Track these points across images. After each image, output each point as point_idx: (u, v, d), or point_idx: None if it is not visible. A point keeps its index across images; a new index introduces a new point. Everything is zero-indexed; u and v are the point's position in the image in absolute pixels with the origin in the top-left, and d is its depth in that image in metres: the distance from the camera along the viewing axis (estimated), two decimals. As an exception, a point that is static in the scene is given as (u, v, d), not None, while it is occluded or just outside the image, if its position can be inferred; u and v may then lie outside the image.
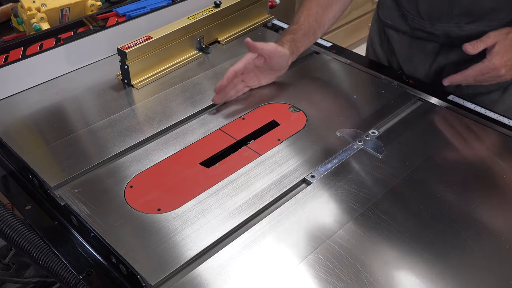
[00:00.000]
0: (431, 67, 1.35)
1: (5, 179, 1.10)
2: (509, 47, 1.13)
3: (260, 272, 0.84)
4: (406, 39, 1.37)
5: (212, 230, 0.90)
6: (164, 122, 1.15)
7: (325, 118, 1.17)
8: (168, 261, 0.84)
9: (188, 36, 1.34)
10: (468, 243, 0.88)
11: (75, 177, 1.00)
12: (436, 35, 1.29)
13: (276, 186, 0.98)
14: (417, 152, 1.07)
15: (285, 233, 0.90)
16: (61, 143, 1.09)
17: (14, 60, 1.24)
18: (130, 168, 1.03)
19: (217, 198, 0.96)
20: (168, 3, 1.47)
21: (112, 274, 0.89)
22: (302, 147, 1.08)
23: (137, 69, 1.26)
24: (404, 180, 1.00)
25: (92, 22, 1.39)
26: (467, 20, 1.23)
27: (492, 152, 1.07)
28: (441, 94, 1.24)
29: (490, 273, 0.84)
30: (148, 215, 0.92)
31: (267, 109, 1.20)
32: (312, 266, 0.84)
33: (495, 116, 1.17)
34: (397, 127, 1.14)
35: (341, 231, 0.90)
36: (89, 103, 1.22)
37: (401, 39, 1.38)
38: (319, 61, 1.38)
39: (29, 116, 1.18)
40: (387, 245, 0.88)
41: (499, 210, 0.94)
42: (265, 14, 1.54)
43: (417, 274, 0.83)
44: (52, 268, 0.92)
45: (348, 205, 0.95)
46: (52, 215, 1.00)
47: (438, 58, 1.33)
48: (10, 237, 0.95)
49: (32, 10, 1.39)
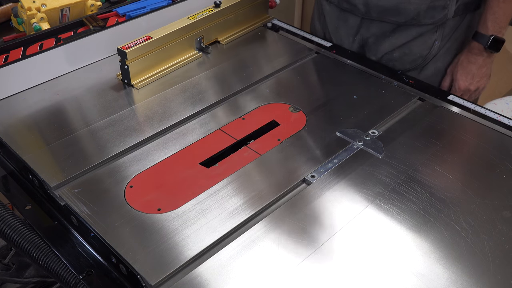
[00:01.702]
0: (355, 39, 1.44)
1: (5, 179, 1.10)
2: (466, 68, 1.34)
3: (260, 272, 0.84)
4: (335, 11, 1.45)
5: (212, 230, 0.90)
6: (164, 122, 1.15)
7: (325, 118, 1.17)
8: (168, 261, 0.84)
9: (188, 36, 1.34)
10: (468, 242, 0.88)
11: (75, 177, 1.00)
12: (357, 7, 1.36)
13: (276, 186, 0.98)
14: (417, 152, 1.07)
15: (285, 233, 0.90)
16: (61, 143, 1.09)
17: (14, 60, 1.24)
18: (130, 168, 1.03)
19: (217, 198, 0.96)
20: (168, 3, 1.47)
21: (112, 274, 0.89)
22: (302, 147, 1.08)
23: (137, 69, 1.26)
24: (404, 180, 1.00)
25: (92, 22, 1.39)
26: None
27: (491, 152, 1.07)
28: (441, 94, 1.24)
29: (490, 273, 0.84)
30: (148, 215, 0.92)
31: (267, 109, 1.20)
32: (312, 266, 0.84)
33: (495, 116, 1.17)
34: (397, 127, 1.14)
35: (341, 231, 0.90)
36: (89, 103, 1.22)
37: (331, 10, 1.47)
38: (319, 61, 1.38)
39: (29, 116, 1.18)
40: (387, 245, 0.88)
41: (499, 210, 0.94)
42: (265, 14, 1.54)
43: (417, 273, 0.83)
44: (52, 268, 0.92)
45: (348, 205, 0.95)
46: (52, 215, 1.00)
47: (361, 31, 1.41)
48: (10, 237, 0.95)
49: (32, 10, 1.39)
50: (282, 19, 1.56)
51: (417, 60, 1.38)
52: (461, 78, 1.35)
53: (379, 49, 1.40)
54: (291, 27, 1.51)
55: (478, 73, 1.34)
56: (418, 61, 1.38)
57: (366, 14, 1.36)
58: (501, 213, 0.94)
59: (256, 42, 1.44)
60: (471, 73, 1.34)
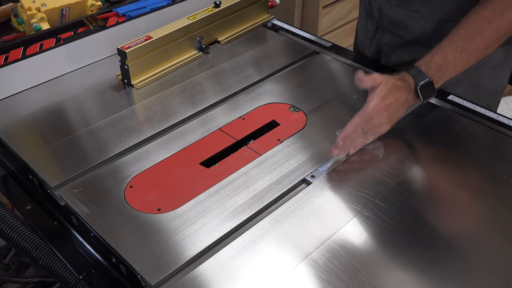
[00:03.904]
0: (372, 42, 1.40)
1: (5, 179, 1.10)
2: (392, 90, 1.03)
3: (260, 272, 0.84)
4: (364, 15, 1.44)
5: (212, 230, 0.90)
6: (164, 122, 1.15)
7: (325, 118, 1.17)
8: (168, 261, 0.84)
9: (188, 36, 1.34)
10: (468, 242, 0.88)
11: (75, 177, 1.00)
12: (373, 12, 1.35)
13: (276, 186, 0.98)
14: (417, 152, 1.07)
15: (285, 233, 0.90)
16: (61, 143, 1.09)
17: (14, 60, 1.24)
18: (130, 168, 1.03)
19: (217, 198, 0.96)
20: (168, 3, 1.47)
21: (112, 274, 0.89)
22: (302, 147, 1.08)
23: (137, 69, 1.26)
24: (404, 180, 1.00)
25: (92, 22, 1.39)
26: (396, 2, 1.26)
27: (491, 152, 1.07)
28: (441, 94, 1.24)
29: (490, 273, 0.84)
30: (148, 215, 0.92)
31: (267, 109, 1.20)
32: (312, 266, 0.84)
33: (495, 116, 1.17)
34: (397, 127, 1.14)
35: (341, 231, 0.90)
36: (89, 103, 1.22)
37: (361, 9, 1.45)
38: (319, 61, 1.38)
39: (29, 116, 1.18)
40: (387, 245, 0.88)
41: (498, 210, 0.94)
42: (265, 14, 1.54)
43: (417, 274, 0.83)
44: (52, 268, 0.92)
45: (348, 205, 0.95)
46: (52, 215, 1.00)
47: (376, 36, 1.38)
48: (10, 237, 0.95)
49: (32, 10, 1.39)
50: (282, 19, 1.56)
51: None
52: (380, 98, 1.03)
53: (390, 60, 1.37)
54: (291, 27, 1.51)
55: (394, 105, 1.04)
56: None
57: (379, 21, 1.34)
58: (501, 213, 0.94)
59: (256, 42, 1.44)
60: (389, 100, 1.03)
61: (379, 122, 1.03)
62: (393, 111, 1.03)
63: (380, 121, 1.03)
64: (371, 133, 1.04)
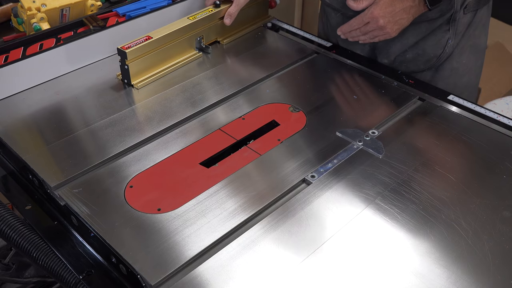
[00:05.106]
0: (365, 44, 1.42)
1: (5, 179, 1.10)
2: (390, 1, 1.19)
3: (260, 272, 0.84)
4: (340, 17, 1.45)
5: (212, 230, 0.90)
6: (164, 122, 1.15)
7: (325, 118, 1.17)
8: (168, 261, 0.84)
9: (188, 36, 1.34)
10: (468, 243, 0.88)
11: (75, 177, 1.00)
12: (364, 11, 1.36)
13: (276, 186, 0.98)
14: (417, 152, 1.07)
15: (285, 233, 0.90)
16: (61, 143, 1.09)
17: (14, 60, 1.24)
18: (130, 168, 1.03)
19: (217, 198, 0.96)
20: (168, 3, 1.47)
21: (112, 274, 0.89)
22: (302, 147, 1.08)
23: (137, 69, 1.26)
24: (404, 180, 1.00)
25: (92, 22, 1.39)
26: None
27: (491, 152, 1.07)
28: (441, 94, 1.24)
29: (490, 273, 0.84)
30: (148, 215, 0.92)
31: (267, 109, 1.20)
32: (312, 266, 0.84)
33: (495, 116, 1.17)
34: (397, 127, 1.14)
35: (341, 231, 0.90)
36: (89, 103, 1.22)
37: (337, 17, 1.46)
38: (319, 61, 1.38)
39: (29, 116, 1.18)
40: (387, 244, 0.88)
41: (499, 210, 0.94)
42: (265, 14, 1.54)
43: (417, 273, 0.83)
44: (52, 268, 0.92)
45: (348, 205, 0.95)
46: (52, 215, 1.00)
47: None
48: (10, 237, 0.95)
49: (32, 10, 1.39)
50: (282, 19, 1.56)
51: (431, 60, 1.34)
52: (379, 6, 1.19)
53: (391, 51, 1.37)
54: (291, 27, 1.51)
55: (398, 13, 1.19)
56: (432, 61, 1.34)
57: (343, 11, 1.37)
58: (501, 213, 0.94)
59: (256, 42, 1.44)
60: (393, 7, 1.19)
61: (377, 26, 1.19)
62: (396, 18, 1.19)
63: (377, 26, 1.19)
64: (372, 35, 1.23)
